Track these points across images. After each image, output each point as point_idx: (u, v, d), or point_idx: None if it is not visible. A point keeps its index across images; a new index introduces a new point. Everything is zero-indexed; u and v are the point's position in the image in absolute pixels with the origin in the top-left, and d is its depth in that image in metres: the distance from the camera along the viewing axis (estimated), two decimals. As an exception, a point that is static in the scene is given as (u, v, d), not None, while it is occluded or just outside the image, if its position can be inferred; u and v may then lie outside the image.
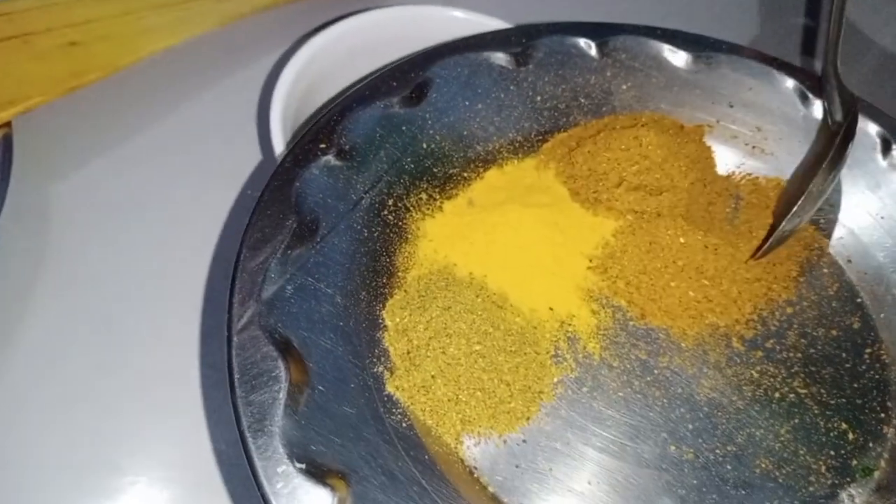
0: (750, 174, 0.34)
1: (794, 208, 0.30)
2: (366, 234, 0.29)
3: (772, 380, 0.29)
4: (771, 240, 0.31)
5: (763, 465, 0.28)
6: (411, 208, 0.31)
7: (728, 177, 0.34)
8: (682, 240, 0.31)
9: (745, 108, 0.34)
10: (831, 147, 0.31)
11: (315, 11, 0.46)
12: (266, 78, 0.44)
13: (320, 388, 0.25)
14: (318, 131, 0.30)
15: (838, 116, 0.32)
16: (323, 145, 0.30)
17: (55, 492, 0.30)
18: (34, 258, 0.35)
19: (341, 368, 0.26)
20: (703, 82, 0.35)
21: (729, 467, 0.27)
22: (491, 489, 0.26)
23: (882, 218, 0.32)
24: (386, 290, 0.29)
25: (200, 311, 0.35)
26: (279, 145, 0.32)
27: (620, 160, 0.32)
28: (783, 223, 0.30)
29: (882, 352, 0.30)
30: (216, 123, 0.42)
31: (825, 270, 0.32)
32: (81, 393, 0.32)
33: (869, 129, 0.33)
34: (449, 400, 0.27)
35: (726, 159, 0.34)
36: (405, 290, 0.29)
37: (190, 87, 0.43)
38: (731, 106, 0.34)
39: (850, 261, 0.32)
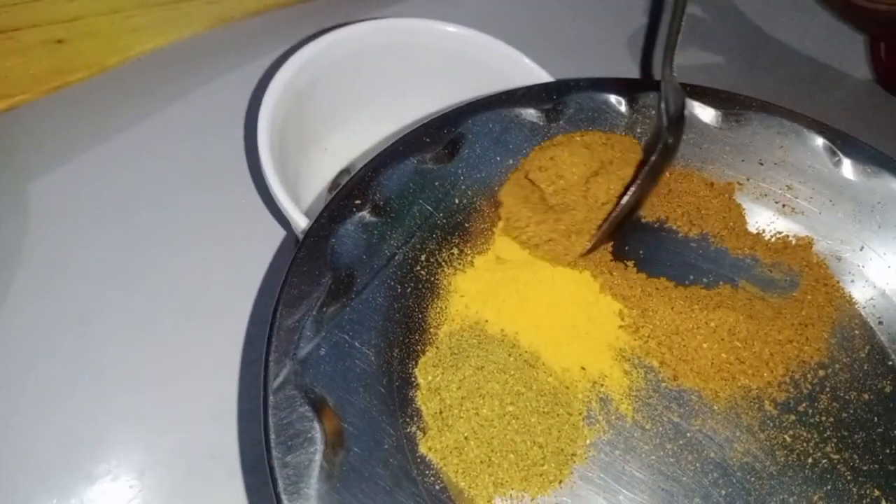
0: (780, 232, 0.34)
1: (623, 200, 0.31)
2: (399, 290, 0.30)
3: (805, 444, 0.29)
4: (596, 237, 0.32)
5: (797, 533, 0.28)
6: (443, 263, 0.31)
7: (758, 234, 0.34)
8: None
9: (776, 166, 0.35)
10: (655, 149, 0.32)
11: (306, 19, 0.47)
12: (255, 85, 0.45)
13: (355, 449, 0.26)
14: (353, 187, 0.31)
15: (672, 111, 0.33)
16: (358, 201, 0.30)
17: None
18: (13, 257, 0.36)
19: (376, 429, 0.26)
20: (734, 140, 0.35)
21: (763, 534, 0.28)
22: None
23: (913, 280, 0.33)
24: (418, 347, 0.29)
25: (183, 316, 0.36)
26: (266, 155, 0.33)
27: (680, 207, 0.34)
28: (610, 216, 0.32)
29: (915, 416, 0.30)
30: (202, 129, 0.43)
31: (856, 332, 0.32)
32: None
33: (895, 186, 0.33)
34: (482, 462, 0.27)
35: (757, 217, 0.35)
36: (437, 348, 0.30)
37: (177, 91, 0.44)
38: (762, 164, 0.35)
39: (881, 322, 0.33)
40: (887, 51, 0.53)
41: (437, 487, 0.27)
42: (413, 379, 0.29)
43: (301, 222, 0.32)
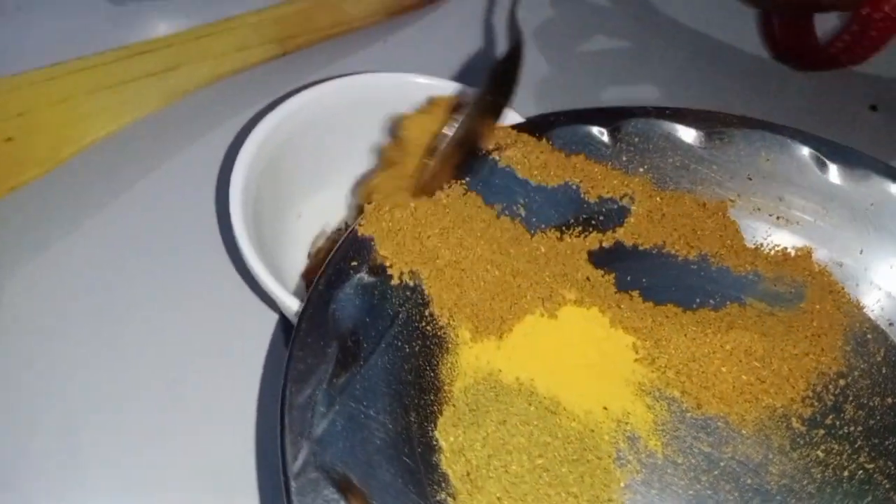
0: (778, 245, 0.34)
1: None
2: (407, 350, 0.29)
3: (838, 458, 0.29)
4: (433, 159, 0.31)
5: (846, 551, 0.27)
6: (447, 316, 0.30)
7: (757, 249, 0.34)
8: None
9: (765, 180, 0.35)
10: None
11: (270, 79, 0.46)
12: (223, 155, 0.43)
13: (386, 529, 0.24)
14: (348, 249, 0.30)
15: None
16: (354, 263, 0.30)
17: None
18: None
19: (404, 501, 0.25)
20: (719, 158, 0.35)
21: (812, 558, 0.27)
22: None
23: (917, 277, 0.33)
24: (434, 407, 0.28)
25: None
26: (239, 226, 0.32)
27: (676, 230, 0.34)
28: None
29: (941, 415, 0.30)
30: (170, 208, 0.41)
31: (869, 336, 0.32)
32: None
33: (891, 189, 0.33)
34: (518, 521, 0.26)
35: (753, 232, 0.34)
36: (454, 406, 0.28)
37: (140, 172, 0.42)
38: (751, 179, 0.35)
39: (891, 324, 0.32)
40: (780, 25, 0.54)
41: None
42: (434, 442, 0.28)
43: (287, 301, 0.31)
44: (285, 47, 0.47)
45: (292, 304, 0.31)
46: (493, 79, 0.33)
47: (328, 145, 0.39)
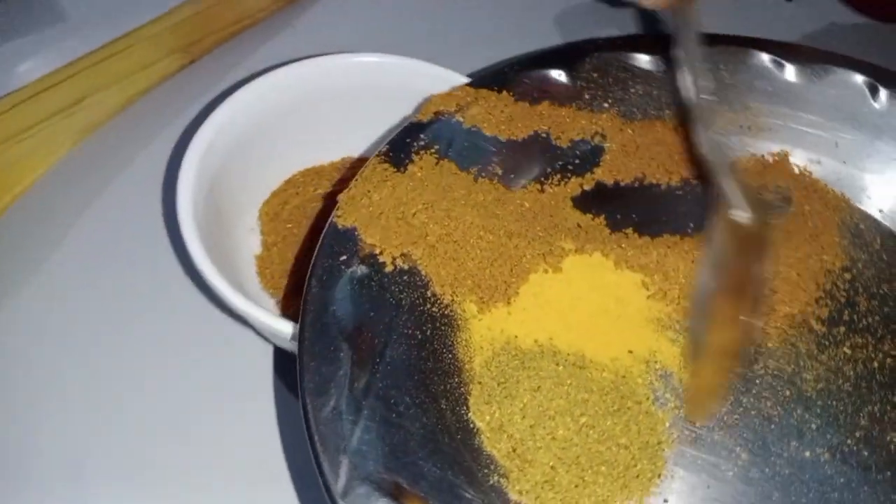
0: (755, 154, 0.34)
1: None
2: (419, 336, 0.27)
3: (864, 351, 0.29)
4: None
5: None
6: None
7: (735, 163, 0.34)
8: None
9: (728, 92, 0.34)
10: None
11: (190, 88, 0.43)
12: (164, 171, 0.41)
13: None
14: (332, 244, 0.28)
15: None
16: (343, 257, 0.28)
17: None
18: None
19: (459, 494, 0.24)
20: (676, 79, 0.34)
21: (866, 453, 0.27)
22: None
23: (894, 160, 0.33)
24: (462, 389, 0.27)
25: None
26: (196, 249, 0.30)
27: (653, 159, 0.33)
28: None
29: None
30: (118, 240, 0.38)
31: (862, 227, 0.32)
32: None
33: (853, 79, 0.33)
34: (576, 486, 0.25)
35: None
36: (480, 383, 0.27)
37: (82, 205, 0.39)
38: (714, 93, 0.34)
39: (881, 210, 0.33)
40: None
41: (544, 533, 0.24)
42: (472, 425, 0.26)
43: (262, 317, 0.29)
44: (192, 54, 0.45)
45: (265, 319, 0.29)
46: None
47: (275, 143, 0.36)
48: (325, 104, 0.36)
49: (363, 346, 0.26)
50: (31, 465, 0.31)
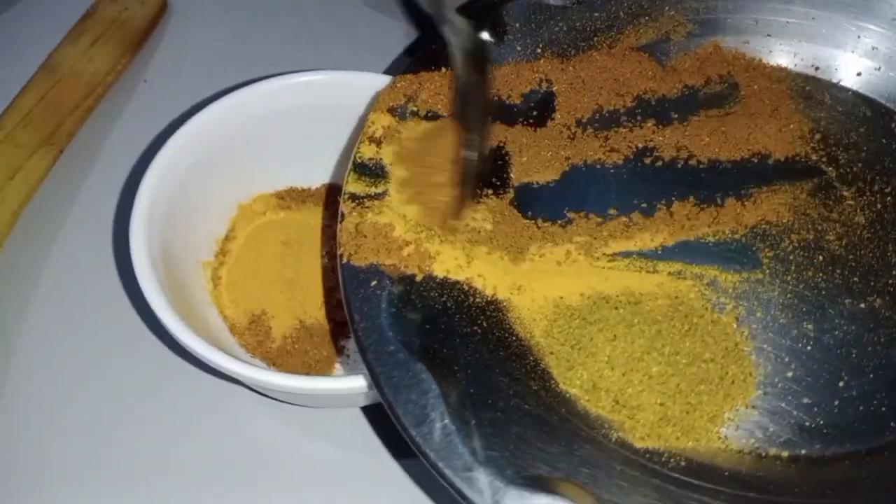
0: (687, 52, 0.35)
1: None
2: (479, 331, 0.26)
3: (864, 196, 0.31)
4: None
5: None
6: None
7: (674, 67, 0.35)
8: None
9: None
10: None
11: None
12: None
13: (607, 494, 0.23)
14: (355, 276, 0.27)
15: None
16: (373, 283, 0.26)
17: None
18: None
19: (594, 462, 0.24)
20: (594, 2, 0.35)
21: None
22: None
23: (807, 16, 0.35)
24: (541, 365, 0.26)
25: None
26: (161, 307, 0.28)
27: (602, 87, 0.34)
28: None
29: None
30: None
31: (808, 88, 0.34)
32: None
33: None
34: (688, 412, 0.26)
35: (659, 54, 0.35)
36: (552, 353, 0.27)
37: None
38: (630, 8, 0.35)
39: (816, 67, 0.35)
40: None
41: (675, 463, 0.25)
42: (567, 395, 0.26)
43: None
44: (59, 142, 0.40)
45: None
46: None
47: (221, 176, 0.35)
48: (261, 130, 0.35)
49: (436, 360, 0.25)
50: None
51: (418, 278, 0.27)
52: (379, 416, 0.33)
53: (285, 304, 0.34)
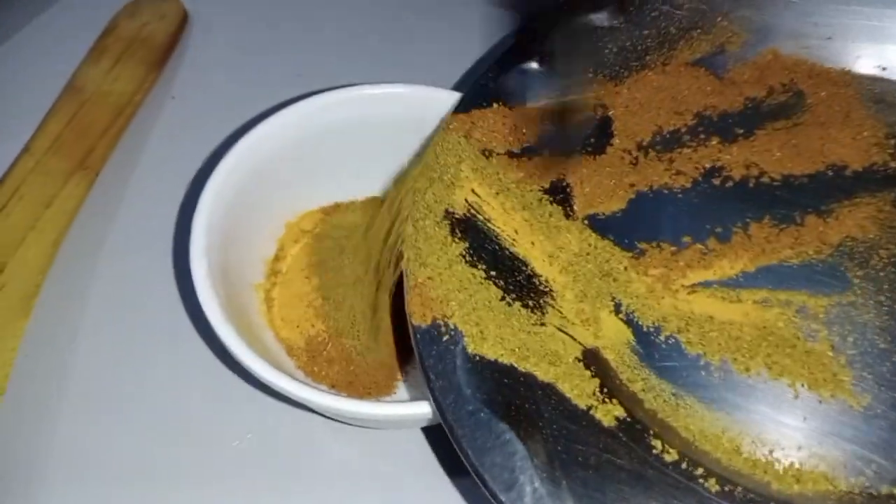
0: (745, 62, 0.34)
1: None
2: (556, 381, 0.25)
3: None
4: None
5: None
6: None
7: (732, 80, 0.33)
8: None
9: (690, 13, 0.34)
10: None
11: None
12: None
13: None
14: (427, 334, 0.26)
15: None
16: (446, 338, 0.25)
17: None
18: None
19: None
20: (638, 19, 0.34)
21: None
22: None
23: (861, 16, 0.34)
24: (639, 424, 0.25)
25: None
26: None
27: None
28: None
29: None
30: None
31: (877, 90, 0.33)
32: None
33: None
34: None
35: (715, 66, 0.34)
36: (642, 399, 0.26)
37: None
38: (680, 14, 0.34)
39: (884, 68, 0.33)
40: None
41: None
42: (664, 445, 0.25)
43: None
44: (93, 167, 0.39)
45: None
46: None
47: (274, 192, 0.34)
48: (308, 148, 0.35)
49: (519, 416, 0.24)
50: None
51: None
52: (436, 435, 0.32)
53: (339, 325, 0.34)
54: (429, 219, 0.28)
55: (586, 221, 0.30)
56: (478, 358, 0.25)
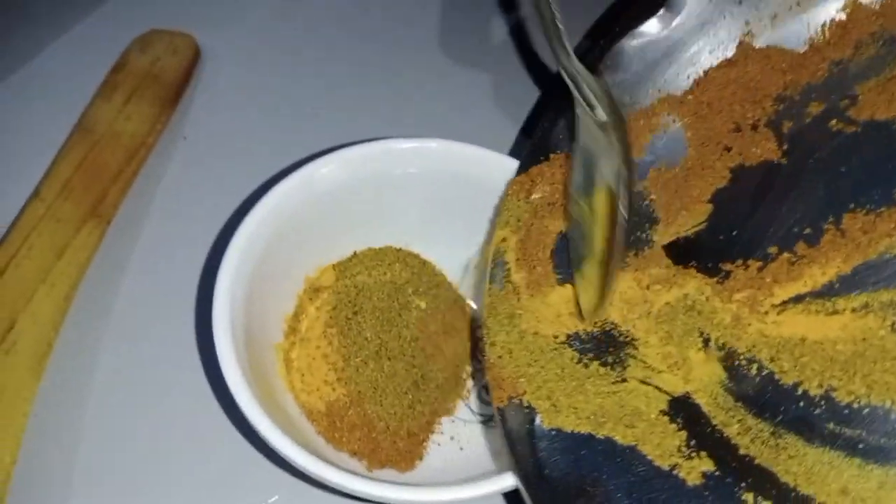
0: (820, 24, 0.30)
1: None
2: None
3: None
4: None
5: None
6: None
7: (812, 47, 0.30)
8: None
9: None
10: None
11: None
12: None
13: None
14: (514, 416, 0.26)
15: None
16: (527, 410, 0.26)
17: None
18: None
19: None
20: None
21: None
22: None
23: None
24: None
25: None
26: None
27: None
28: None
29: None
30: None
31: None
32: None
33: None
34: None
35: (785, 42, 0.31)
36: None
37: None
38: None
39: None
40: None
41: None
42: None
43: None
44: (105, 214, 0.37)
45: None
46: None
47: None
48: (330, 202, 0.33)
49: (596, 489, 0.24)
50: None
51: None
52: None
53: (361, 389, 0.32)
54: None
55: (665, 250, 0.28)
56: (554, 432, 0.25)
